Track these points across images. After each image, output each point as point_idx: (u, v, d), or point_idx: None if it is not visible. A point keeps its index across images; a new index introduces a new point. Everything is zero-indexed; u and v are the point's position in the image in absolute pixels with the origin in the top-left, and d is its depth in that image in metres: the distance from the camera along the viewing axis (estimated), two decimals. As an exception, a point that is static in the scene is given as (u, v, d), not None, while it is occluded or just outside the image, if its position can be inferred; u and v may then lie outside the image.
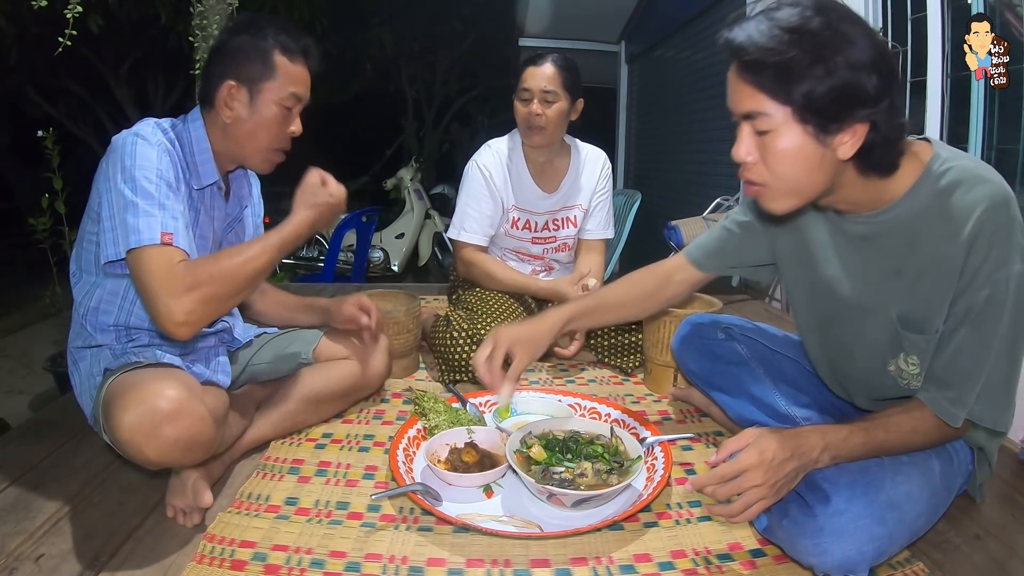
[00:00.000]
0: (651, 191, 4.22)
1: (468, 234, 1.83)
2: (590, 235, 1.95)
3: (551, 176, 1.88)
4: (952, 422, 0.91)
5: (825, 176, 0.86)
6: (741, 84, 0.85)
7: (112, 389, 1.01)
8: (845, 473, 0.89)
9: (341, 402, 1.44)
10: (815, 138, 0.83)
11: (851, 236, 0.99)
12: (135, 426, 0.93)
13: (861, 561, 0.84)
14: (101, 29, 3.81)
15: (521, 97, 1.75)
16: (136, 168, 1.05)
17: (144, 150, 1.07)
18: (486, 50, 7.63)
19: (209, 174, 1.20)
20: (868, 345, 1.02)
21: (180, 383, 0.99)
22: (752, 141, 0.87)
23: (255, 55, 1.16)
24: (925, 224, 0.89)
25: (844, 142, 0.83)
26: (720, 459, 0.91)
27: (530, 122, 1.73)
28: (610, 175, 1.95)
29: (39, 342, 3.45)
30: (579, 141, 1.94)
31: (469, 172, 1.85)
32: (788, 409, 1.20)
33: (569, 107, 1.76)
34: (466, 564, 0.96)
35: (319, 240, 5.15)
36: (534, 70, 1.73)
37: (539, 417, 1.37)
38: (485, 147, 1.88)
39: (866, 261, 0.98)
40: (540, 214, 1.88)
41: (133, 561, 0.94)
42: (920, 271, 0.91)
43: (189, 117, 1.22)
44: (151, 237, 1.01)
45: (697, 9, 3.85)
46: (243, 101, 1.17)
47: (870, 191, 0.91)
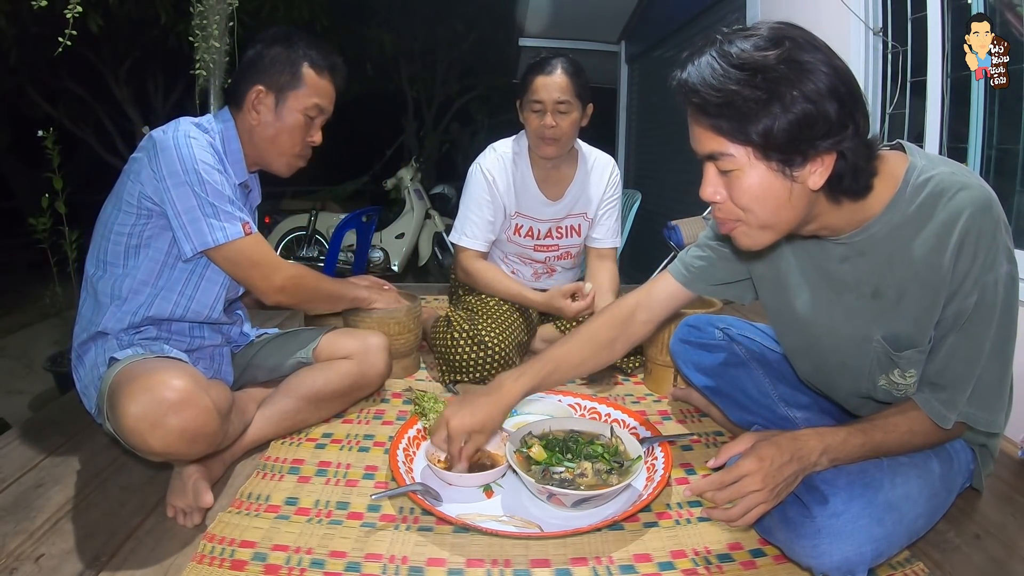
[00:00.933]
0: (651, 191, 4.21)
1: (469, 239, 1.80)
2: (599, 244, 1.90)
3: (557, 183, 1.83)
4: (943, 423, 0.91)
5: (796, 209, 0.85)
6: (698, 126, 0.84)
7: (118, 378, 1.01)
8: (843, 474, 0.89)
9: (341, 402, 1.43)
10: (781, 173, 0.81)
11: (822, 266, 0.97)
12: (141, 415, 0.94)
13: (860, 562, 0.84)
14: (101, 29, 3.81)
15: (532, 109, 1.69)
16: (201, 170, 1.15)
17: (202, 153, 1.17)
18: (486, 50, 7.62)
19: (240, 173, 1.29)
20: (853, 370, 1.01)
21: (187, 374, 1.00)
22: (719, 180, 0.86)
23: (285, 64, 1.26)
24: (906, 239, 0.87)
25: (813, 172, 0.81)
26: (719, 463, 0.91)
27: (543, 134, 1.68)
28: (619, 182, 1.89)
29: (39, 342, 3.46)
30: (586, 145, 1.89)
31: (472, 175, 1.81)
32: (786, 410, 1.21)
33: (581, 115, 1.72)
34: (466, 564, 0.96)
35: (319, 240, 5.15)
36: (545, 80, 1.66)
37: (539, 417, 1.37)
38: (489, 149, 1.83)
39: (840, 290, 0.96)
40: (543, 221, 1.85)
41: (133, 561, 0.94)
42: (901, 290, 0.90)
43: (220, 116, 1.29)
44: (236, 232, 1.18)
45: (697, 9, 3.85)
46: (269, 106, 1.26)
47: (847, 215, 0.89)
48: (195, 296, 1.24)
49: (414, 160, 5.66)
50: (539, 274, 1.96)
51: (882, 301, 0.92)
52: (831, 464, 0.91)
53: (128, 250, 1.19)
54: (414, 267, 5.50)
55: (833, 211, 0.88)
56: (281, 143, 1.28)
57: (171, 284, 1.22)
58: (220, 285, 1.27)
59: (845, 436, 0.91)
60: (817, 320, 1.00)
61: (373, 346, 1.45)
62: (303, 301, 1.39)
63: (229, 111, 1.30)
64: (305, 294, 1.36)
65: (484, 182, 1.78)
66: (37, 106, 5.50)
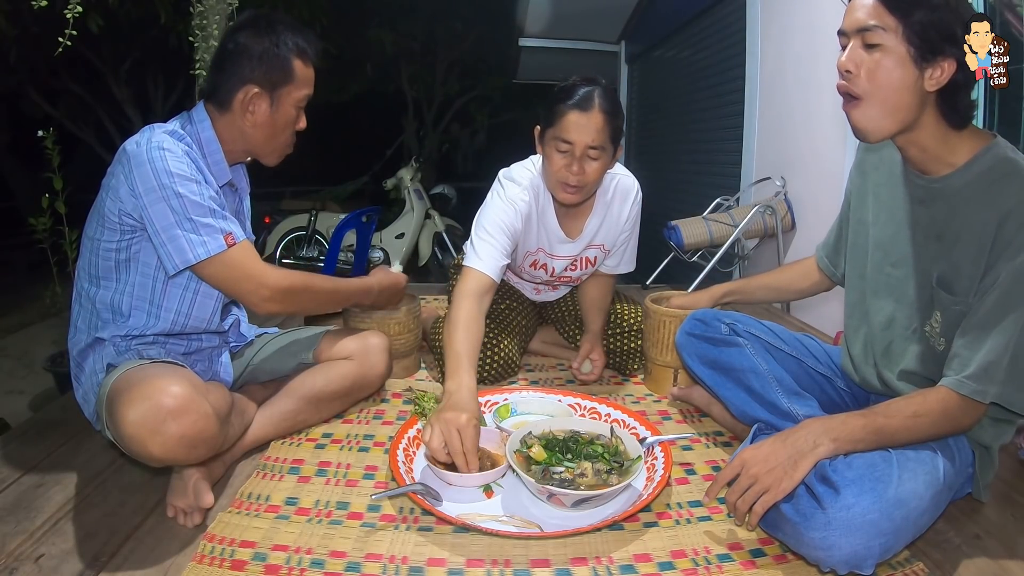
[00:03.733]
0: (651, 191, 4.20)
1: (482, 263, 1.47)
2: (608, 270, 1.77)
3: (576, 216, 1.63)
4: (981, 398, 0.93)
5: (913, 100, 0.93)
6: (871, 4, 0.93)
7: (116, 385, 1.01)
8: (853, 468, 0.90)
9: (341, 402, 1.43)
10: (914, 61, 0.91)
11: (902, 206, 1.07)
12: (139, 422, 0.93)
13: (868, 556, 0.85)
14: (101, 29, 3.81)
15: (558, 148, 1.42)
16: (177, 184, 1.10)
17: (177, 165, 1.11)
18: (486, 50, 7.62)
19: (223, 174, 1.24)
20: (908, 305, 1.08)
21: (185, 379, 0.99)
22: (860, 55, 0.94)
23: (276, 61, 1.19)
24: (974, 195, 0.95)
25: (935, 73, 0.91)
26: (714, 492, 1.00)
27: (567, 180, 1.44)
28: (639, 210, 1.68)
29: (39, 342, 3.45)
30: None
31: (501, 203, 1.54)
32: (790, 406, 1.21)
33: (611, 160, 1.48)
34: (466, 564, 0.96)
35: (319, 240, 5.15)
36: (579, 119, 1.39)
37: (539, 417, 1.37)
38: (526, 181, 1.56)
39: (913, 228, 1.06)
40: (559, 258, 1.69)
41: (133, 561, 0.94)
42: (957, 237, 0.98)
43: (195, 117, 1.22)
44: (217, 246, 1.12)
45: (697, 9, 3.85)
46: (264, 106, 1.21)
47: (939, 145, 0.97)
48: (191, 312, 1.22)
49: (414, 160, 5.66)
50: (540, 290, 1.91)
51: (942, 244, 1.00)
52: (834, 445, 0.92)
53: (118, 264, 1.16)
54: (414, 267, 5.51)
55: (931, 130, 0.96)
56: (278, 139, 1.26)
57: (168, 303, 1.19)
58: (216, 298, 1.25)
59: (844, 418, 0.96)
60: (896, 246, 1.10)
61: (373, 346, 1.44)
62: (299, 310, 1.36)
63: (205, 110, 1.22)
64: (299, 304, 1.30)
65: (515, 216, 1.53)
66: (37, 106, 5.50)
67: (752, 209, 2.64)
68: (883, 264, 1.12)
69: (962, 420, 0.96)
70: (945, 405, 0.94)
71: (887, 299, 1.12)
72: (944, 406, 0.94)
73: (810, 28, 2.47)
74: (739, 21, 3.18)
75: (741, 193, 3.05)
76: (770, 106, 2.91)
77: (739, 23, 3.18)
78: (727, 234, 2.66)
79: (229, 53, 1.19)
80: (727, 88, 3.41)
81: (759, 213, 2.63)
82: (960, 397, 0.94)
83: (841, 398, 1.29)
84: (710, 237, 2.71)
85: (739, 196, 3.05)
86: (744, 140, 3.11)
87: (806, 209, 2.62)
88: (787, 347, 1.31)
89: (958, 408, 0.94)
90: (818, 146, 2.48)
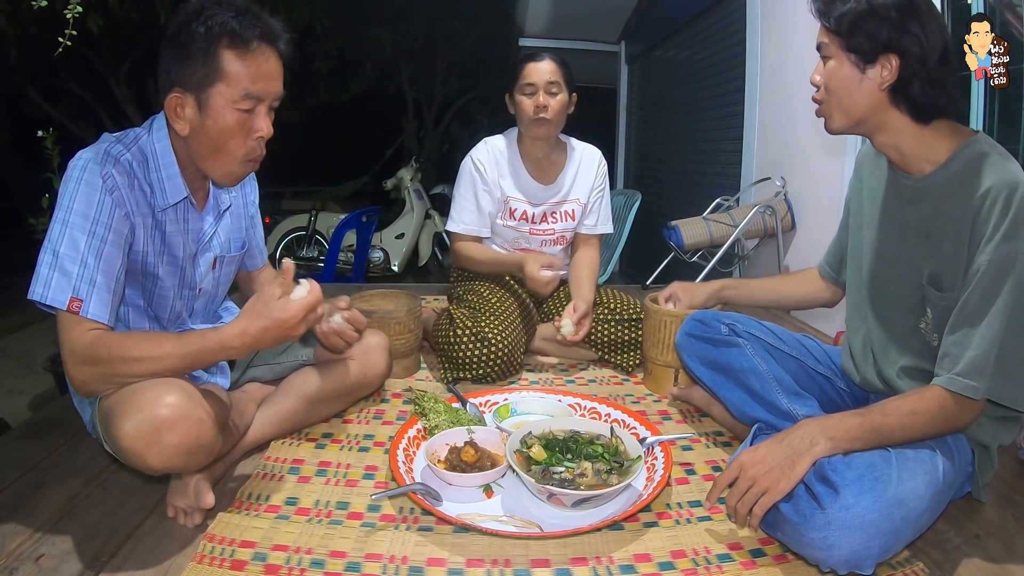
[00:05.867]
0: (651, 191, 4.21)
1: (460, 225, 1.88)
2: (588, 230, 1.97)
3: (548, 170, 1.91)
4: (973, 394, 0.93)
5: (864, 101, 1.00)
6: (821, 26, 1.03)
7: (111, 398, 1.00)
8: (852, 468, 0.90)
9: (341, 402, 1.43)
10: (856, 67, 0.99)
11: (891, 210, 1.11)
12: (135, 434, 0.93)
13: (867, 556, 0.85)
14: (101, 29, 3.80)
15: (524, 92, 1.79)
16: (73, 213, 0.97)
17: (86, 194, 0.98)
18: (486, 50, 7.61)
19: (176, 191, 1.09)
20: (903, 304, 1.10)
21: (179, 389, 0.97)
22: (820, 68, 1.04)
23: (196, 55, 0.99)
24: (955, 190, 0.98)
25: (882, 71, 0.97)
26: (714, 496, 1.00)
27: (536, 113, 1.78)
28: (606, 172, 1.98)
29: (39, 342, 3.45)
30: (572, 139, 1.97)
31: (464, 167, 1.90)
32: (790, 406, 1.21)
33: (568, 100, 1.82)
34: (466, 564, 0.96)
35: (319, 240, 5.15)
36: (535, 65, 1.79)
37: (539, 417, 1.37)
38: (481, 143, 1.92)
39: (903, 229, 1.08)
40: (538, 205, 1.91)
41: (133, 561, 0.94)
42: (943, 233, 1.00)
43: (155, 126, 1.09)
44: (59, 300, 0.96)
45: (697, 9, 3.85)
46: (191, 112, 1.02)
47: (915, 144, 1.01)
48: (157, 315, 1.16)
49: (414, 160, 5.67)
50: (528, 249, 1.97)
51: (930, 242, 1.03)
52: (831, 443, 0.93)
53: None
54: (414, 267, 5.51)
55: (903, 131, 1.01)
56: (223, 153, 1.05)
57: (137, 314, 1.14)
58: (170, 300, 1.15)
59: (841, 417, 0.97)
60: (884, 255, 1.13)
61: (373, 346, 1.44)
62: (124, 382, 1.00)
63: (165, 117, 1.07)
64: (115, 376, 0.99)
65: (474, 171, 1.87)
66: (37, 106, 5.50)
67: (752, 209, 2.64)
68: (879, 265, 1.14)
69: (959, 417, 0.96)
70: (941, 403, 0.95)
71: (883, 299, 1.14)
72: (940, 404, 0.95)
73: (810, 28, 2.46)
74: (739, 21, 3.18)
75: (741, 193, 3.05)
76: (770, 106, 2.91)
77: (739, 23, 3.18)
78: (727, 234, 2.66)
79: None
80: (727, 88, 3.42)
81: (759, 213, 2.63)
82: (953, 395, 0.94)
83: (841, 398, 1.29)
84: (710, 237, 2.71)
85: (739, 196, 3.05)
86: (744, 140, 3.11)
87: (806, 209, 2.62)
88: (787, 347, 1.31)
89: (953, 406, 0.95)
90: (818, 146, 2.48)
